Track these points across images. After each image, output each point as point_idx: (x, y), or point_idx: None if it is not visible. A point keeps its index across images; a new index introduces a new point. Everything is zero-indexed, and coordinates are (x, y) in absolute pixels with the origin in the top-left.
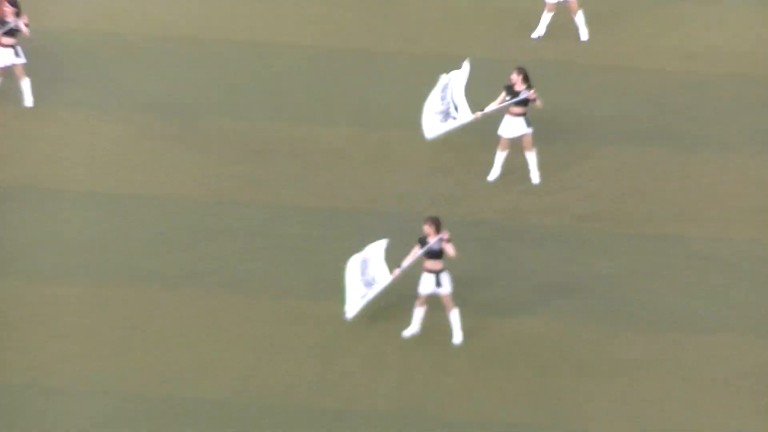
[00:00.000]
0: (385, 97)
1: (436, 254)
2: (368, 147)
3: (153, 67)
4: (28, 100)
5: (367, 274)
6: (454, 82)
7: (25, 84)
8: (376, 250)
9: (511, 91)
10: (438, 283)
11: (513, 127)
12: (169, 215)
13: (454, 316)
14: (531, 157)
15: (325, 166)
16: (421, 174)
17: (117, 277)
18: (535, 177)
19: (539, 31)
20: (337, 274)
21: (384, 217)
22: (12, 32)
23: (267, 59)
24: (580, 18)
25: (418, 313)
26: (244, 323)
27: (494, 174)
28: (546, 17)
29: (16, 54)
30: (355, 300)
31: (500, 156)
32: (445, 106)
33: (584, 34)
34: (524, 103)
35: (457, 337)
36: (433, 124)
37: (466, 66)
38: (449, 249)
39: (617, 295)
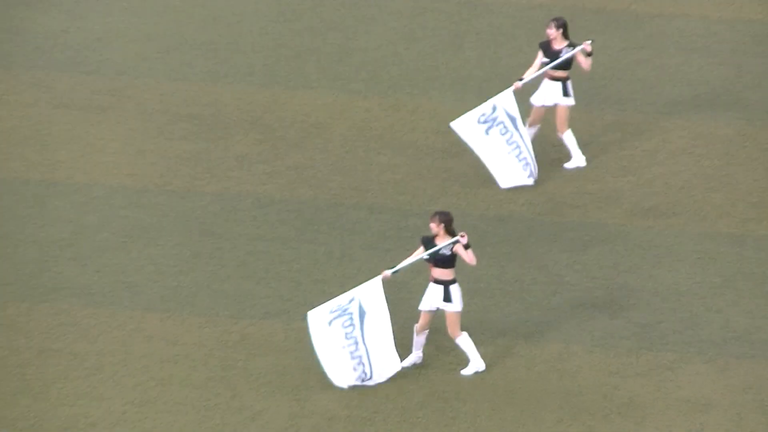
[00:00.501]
0: (377, 53)
1: (446, 261)
2: (353, 118)
3: (72, 15)
4: None
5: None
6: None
7: None
8: (371, 291)
9: (549, 50)
10: (446, 298)
11: (546, 93)
12: (91, 208)
13: (464, 342)
14: (566, 138)
15: (295, 143)
16: (425, 155)
17: (24, 290)
18: (578, 159)
19: None
20: (310, 286)
21: (374, 211)
22: None
23: (219, 3)
24: None
25: (420, 336)
26: (194, 350)
27: None
28: None
29: None
30: (347, 369)
31: (529, 131)
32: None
33: None
34: (566, 65)
35: (474, 365)
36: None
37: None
38: (468, 256)
39: (680, 314)
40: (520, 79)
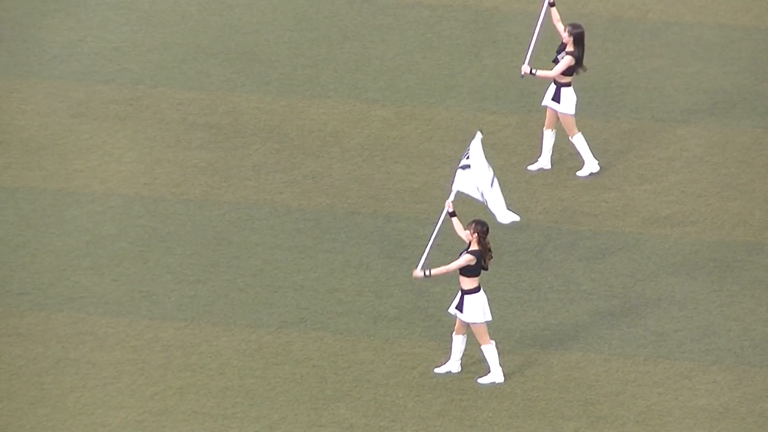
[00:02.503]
0: (394, 62)
1: (461, 268)
2: (370, 127)
3: (89, 24)
4: None
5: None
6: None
7: None
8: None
9: (559, 51)
10: (458, 306)
11: (546, 94)
12: (108, 217)
13: (487, 352)
14: (575, 143)
15: (312, 152)
16: (441, 163)
17: (42, 299)
18: (591, 165)
19: None
20: (327, 295)
21: (392, 220)
22: None
23: (236, 12)
24: None
25: (455, 339)
26: (211, 359)
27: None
28: None
29: None
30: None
31: (546, 133)
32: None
33: None
34: (568, 70)
35: (492, 376)
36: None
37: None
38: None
39: (697, 322)
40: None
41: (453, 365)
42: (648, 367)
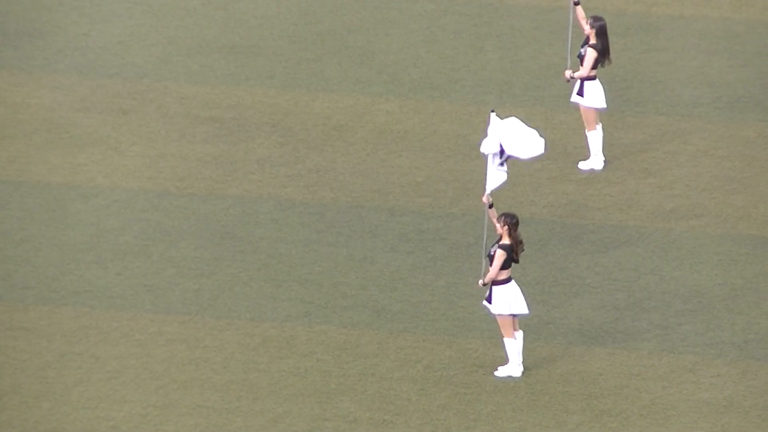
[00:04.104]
0: (398, 55)
1: (491, 261)
2: (374, 121)
3: (93, 18)
4: None
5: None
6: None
7: None
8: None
9: (583, 45)
10: (488, 297)
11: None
12: (112, 211)
13: (509, 345)
14: (589, 137)
15: (316, 146)
16: (446, 157)
17: (46, 293)
18: (595, 162)
19: None
20: (331, 289)
21: (395, 213)
22: None
23: (241, 6)
24: None
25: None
26: (215, 353)
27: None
28: None
29: None
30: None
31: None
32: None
33: None
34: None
35: (509, 369)
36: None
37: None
38: (495, 263)
39: (701, 316)
40: (576, 3)
41: (513, 368)
42: (652, 361)
